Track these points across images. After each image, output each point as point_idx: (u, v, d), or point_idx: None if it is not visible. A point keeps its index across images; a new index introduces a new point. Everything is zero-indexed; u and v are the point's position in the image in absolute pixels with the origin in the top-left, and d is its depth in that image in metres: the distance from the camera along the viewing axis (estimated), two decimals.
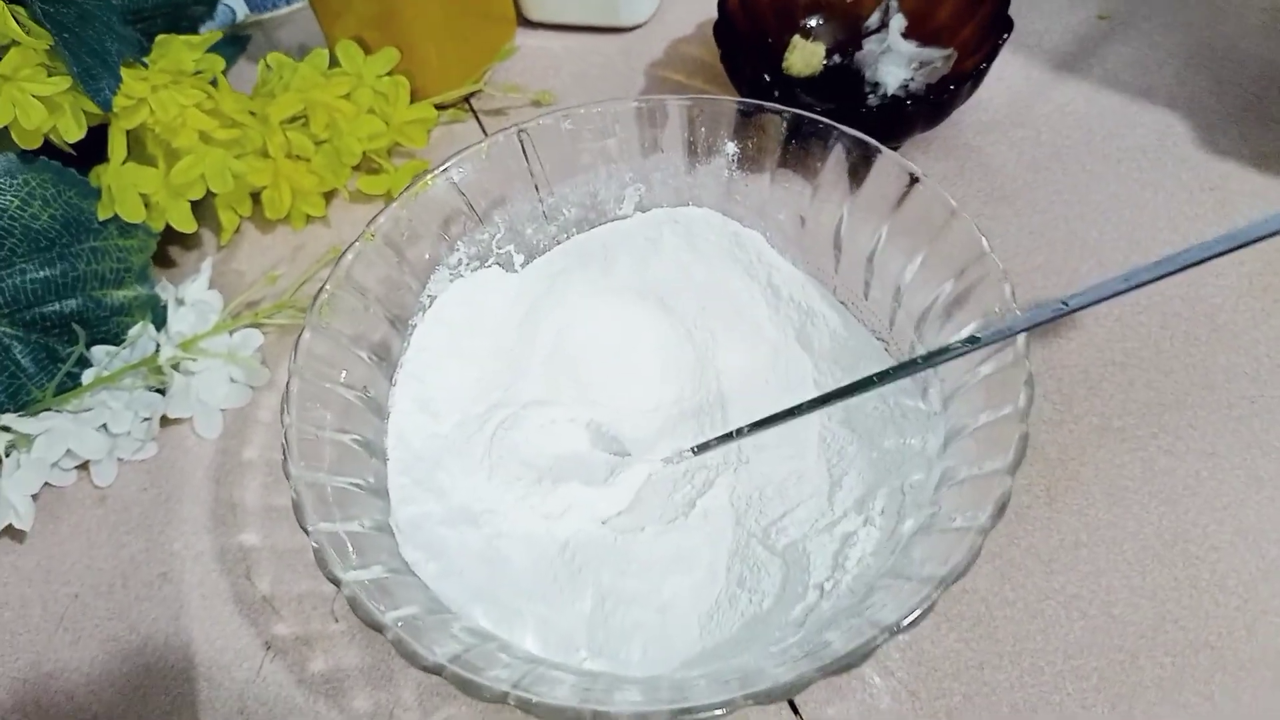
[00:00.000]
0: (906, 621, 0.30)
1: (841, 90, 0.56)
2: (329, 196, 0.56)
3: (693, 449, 0.41)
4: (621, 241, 0.46)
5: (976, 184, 0.52)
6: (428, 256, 0.43)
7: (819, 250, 0.44)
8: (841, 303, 0.44)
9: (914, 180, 0.40)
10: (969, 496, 0.34)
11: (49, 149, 0.46)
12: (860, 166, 0.41)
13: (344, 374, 0.39)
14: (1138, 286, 0.32)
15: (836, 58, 0.57)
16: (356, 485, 0.37)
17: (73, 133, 0.45)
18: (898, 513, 0.37)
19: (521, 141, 0.43)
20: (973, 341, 0.35)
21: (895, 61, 0.55)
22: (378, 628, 0.32)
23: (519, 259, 0.46)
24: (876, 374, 0.37)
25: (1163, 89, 0.54)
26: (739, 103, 0.42)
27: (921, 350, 0.40)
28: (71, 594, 0.45)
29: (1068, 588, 0.40)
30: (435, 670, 0.31)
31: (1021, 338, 0.35)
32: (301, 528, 0.34)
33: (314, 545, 0.33)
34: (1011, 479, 0.32)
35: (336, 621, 0.43)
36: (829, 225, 0.43)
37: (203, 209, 0.52)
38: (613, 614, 0.37)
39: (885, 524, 0.36)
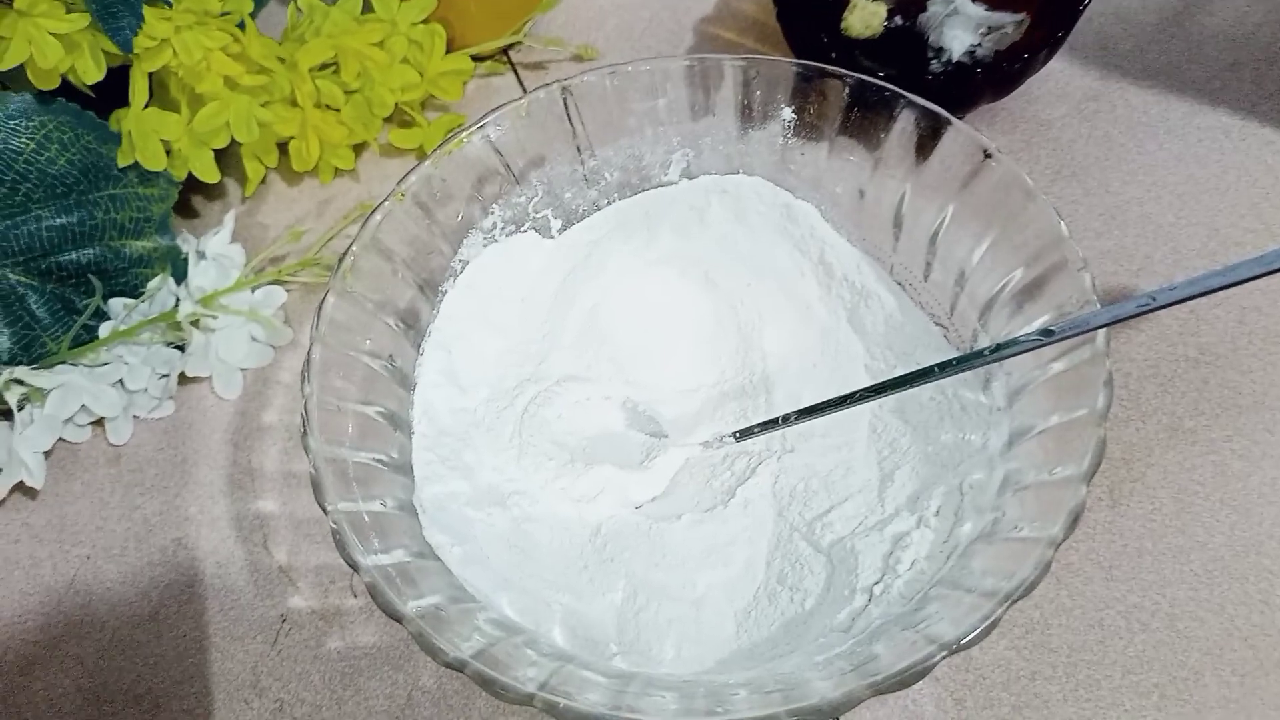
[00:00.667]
0: (966, 639, 0.28)
1: (901, 55, 0.52)
2: (358, 149, 0.54)
3: (735, 434, 0.39)
4: (665, 209, 0.43)
5: (1044, 160, 0.49)
6: (460, 219, 0.40)
7: (877, 227, 0.41)
8: (899, 284, 0.41)
9: (987, 156, 0.37)
10: (1037, 504, 0.31)
11: (67, 90, 0.44)
12: (928, 139, 0.39)
13: (369, 342, 0.37)
14: (1240, 283, 0.29)
15: (898, 19, 0.54)
16: (379, 461, 0.35)
17: (91, 74, 0.43)
18: (955, 514, 0.34)
19: (564, 99, 0.40)
20: (1048, 334, 0.32)
21: (962, 25, 0.51)
22: (398, 618, 0.30)
23: (556, 224, 0.43)
24: (939, 364, 0.34)
25: (1249, 65, 0.51)
26: (799, 65, 0.40)
27: (986, 340, 0.37)
28: (83, 555, 0.43)
29: (1129, 597, 0.38)
30: (458, 667, 0.29)
31: (1101, 334, 0.32)
32: (320, 506, 0.32)
33: (333, 526, 0.31)
34: (1086, 488, 0.30)
35: (355, 597, 0.41)
36: (890, 201, 0.40)
37: (227, 158, 0.50)
38: (645, 608, 0.35)
39: (941, 526, 0.34)
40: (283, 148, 0.52)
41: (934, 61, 0.51)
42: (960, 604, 0.29)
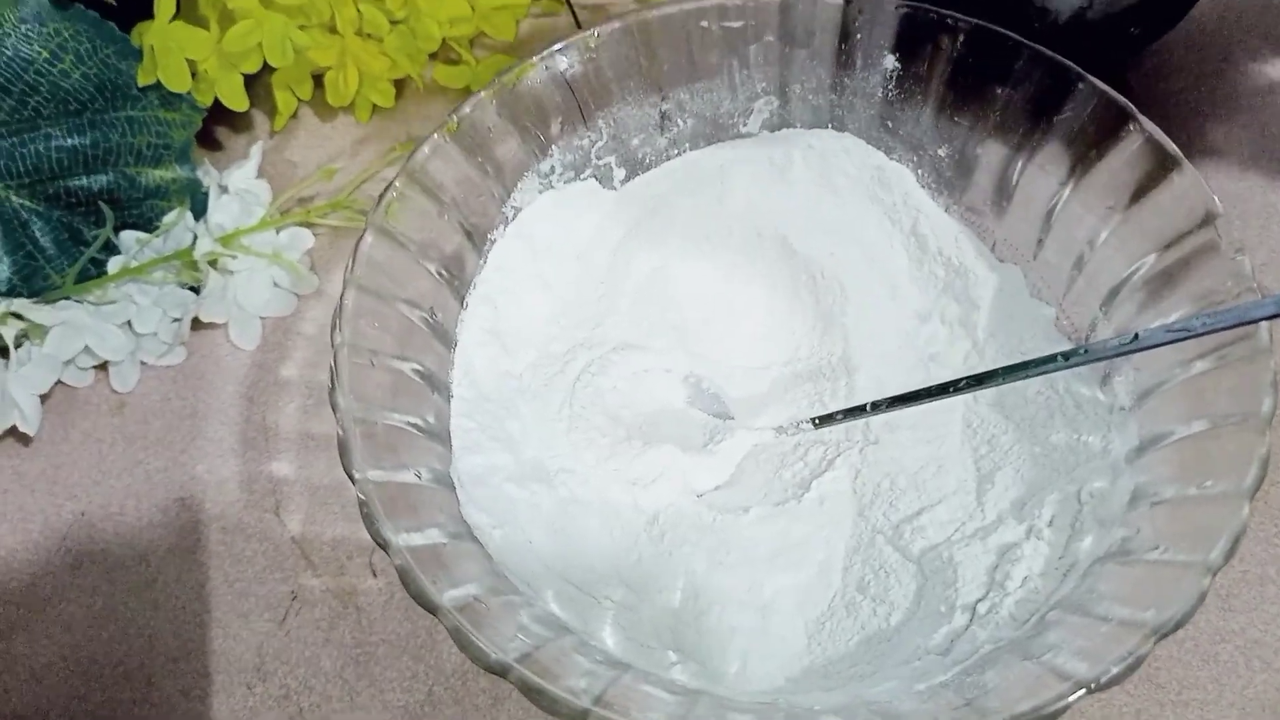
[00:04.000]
0: (1107, 678, 0.23)
1: (1000, 14, 0.48)
2: (400, 86, 0.49)
3: (813, 420, 0.35)
4: (742, 164, 0.39)
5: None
6: (516, 160, 0.36)
7: (981, 197, 0.37)
8: (1002, 261, 0.37)
9: (1126, 119, 0.32)
10: (1180, 522, 0.27)
11: None
12: (1052, 98, 0.34)
13: (408, 289, 0.33)
14: None
15: None
16: (414, 425, 0.31)
17: None
18: (1071, 526, 0.30)
19: (639, 33, 0.36)
20: (1199, 324, 0.28)
21: None
22: (432, 609, 0.26)
23: (619, 173, 0.39)
24: (1063, 353, 0.29)
25: None
26: (910, 6, 0.35)
27: (1109, 329, 0.33)
28: (77, 510, 0.39)
29: (1249, 630, 0.34)
30: (500, 671, 0.25)
31: (1264, 328, 0.28)
32: (347, 474, 0.28)
33: (360, 497, 0.27)
34: (1249, 506, 0.25)
35: (375, 576, 0.37)
36: (1000, 168, 0.36)
37: (256, 86, 0.46)
38: (706, 612, 0.31)
39: (1056, 539, 0.30)
40: (318, 79, 0.47)
41: (1037, 24, 0.46)
42: (1093, 634, 0.25)
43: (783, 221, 0.39)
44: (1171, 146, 0.31)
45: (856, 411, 0.34)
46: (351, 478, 0.28)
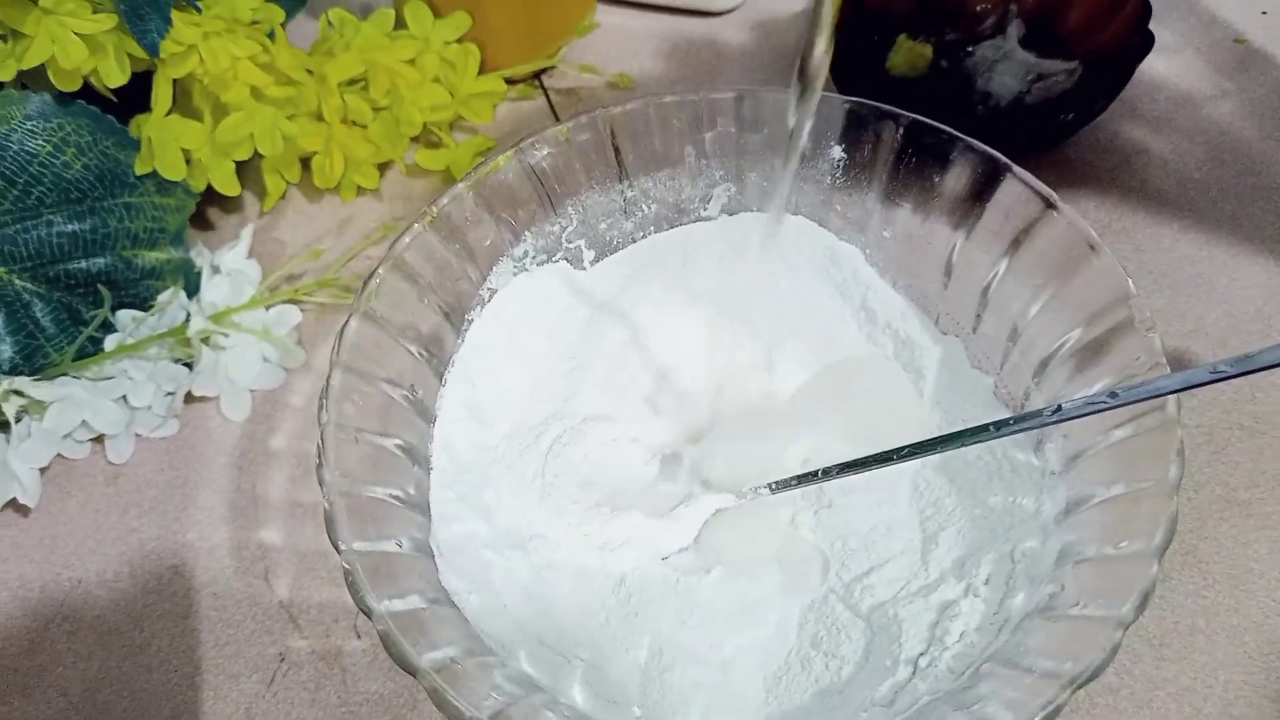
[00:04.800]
0: None
1: (946, 99, 0.51)
2: (383, 169, 0.52)
3: (770, 486, 0.37)
4: (703, 245, 0.42)
5: (1091, 214, 0.48)
6: (491, 245, 0.39)
7: (925, 275, 0.39)
8: (944, 334, 0.39)
9: (1049, 206, 0.35)
10: (1100, 579, 0.29)
11: (88, 93, 0.43)
12: (985, 185, 0.37)
13: (390, 369, 0.35)
14: None
15: (944, 62, 0.52)
16: (396, 497, 0.33)
17: (115, 77, 0.41)
18: (1006, 584, 0.32)
19: (608, 126, 0.39)
20: (1115, 397, 0.30)
21: (1011, 71, 0.50)
22: (412, 671, 0.28)
23: (589, 255, 0.41)
24: (995, 422, 0.32)
25: None
26: (852, 102, 0.38)
27: (1041, 399, 0.35)
28: (74, 579, 0.41)
29: (1180, 679, 0.36)
30: None
31: (1172, 401, 0.30)
32: (333, 545, 0.30)
33: (345, 567, 0.29)
34: (1158, 565, 0.28)
35: (359, 638, 0.39)
36: (940, 248, 0.38)
37: (245, 172, 0.48)
38: (670, 668, 0.33)
39: (991, 596, 0.32)
40: (305, 163, 0.50)
41: (980, 107, 0.50)
42: (1019, 685, 0.27)
43: (741, 298, 0.41)
44: (1090, 232, 0.34)
45: (809, 477, 0.36)
46: (338, 549, 0.30)
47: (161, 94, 0.43)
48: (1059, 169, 0.49)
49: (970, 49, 0.52)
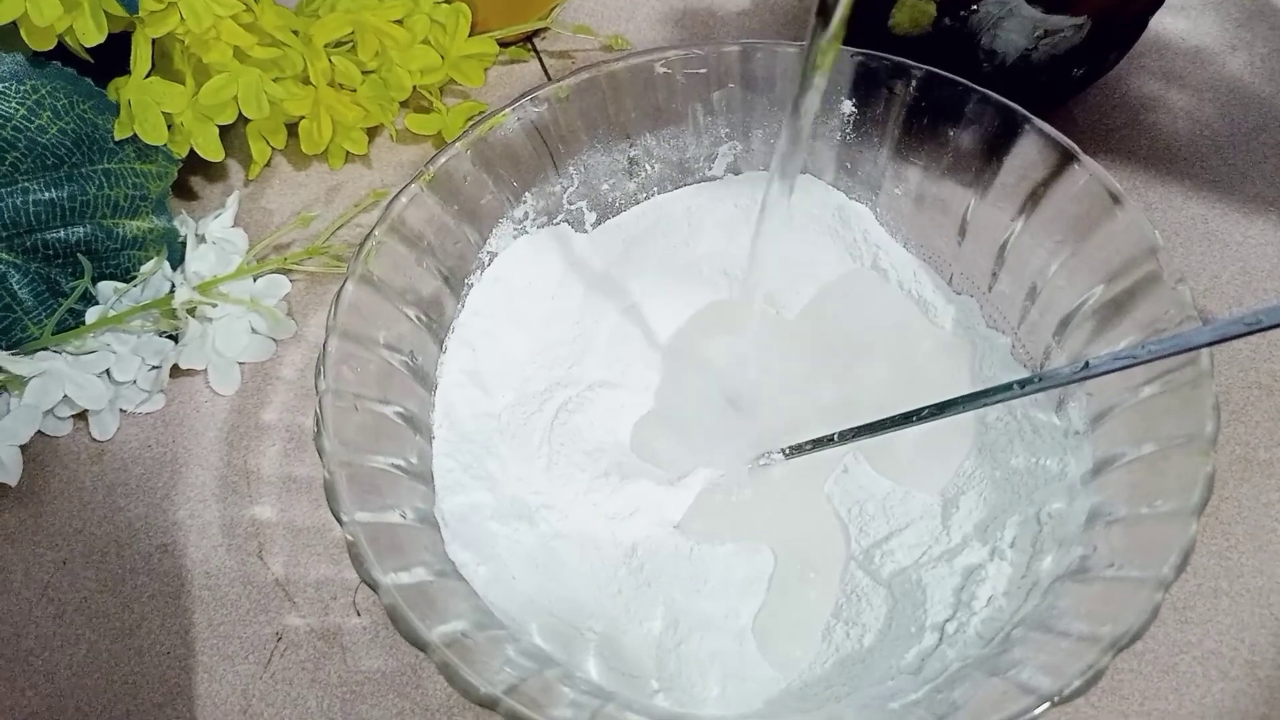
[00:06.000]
0: (1069, 690, 0.25)
1: (950, 57, 0.49)
2: (372, 133, 0.50)
3: (784, 450, 0.36)
4: (708, 206, 0.40)
5: None
6: (491, 206, 0.37)
7: (938, 233, 0.38)
8: (959, 294, 0.38)
9: (1070, 159, 0.34)
10: (1134, 539, 0.28)
11: (63, 54, 0.41)
12: (1002, 138, 0.36)
13: (388, 334, 0.34)
14: None
15: (947, 20, 0.51)
16: (397, 466, 0.32)
17: (91, 36, 0.39)
18: (1033, 546, 0.31)
19: (608, 83, 0.37)
20: (1146, 351, 0.29)
21: (1017, 28, 0.48)
22: (421, 646, 0.26)
23: (591, 217, 0.40)
24: (1019, 381, 0.31)
25: None
26: (864, 54, 0.37)
27: (1062, 357, 0.34)
28: (59, 560, 0.39)
29: (1205, 642, 0.35)
30: (489, 704, 0.25)
31: (1206, 354, 0.29)
32: (335, 516, 0.29)
33: (349, 538, 0.28)
34: (1196, 523, 0.27)
35: (358, 615, 0.37)
36: (955, 206, 0.37)
37: (231, 137, 0.47)
38: (686, 639, 0.32)
39: (1018, 559, 0.31)
40: (292, 128, 0.48)
41: (985, 65, 0.48)
42: (1054, 649, 0.26)
43: (749, 260, 0.40)
44: (1113, 184, 0.33)
45: (824, 441, 0.35)
46: (339, 519, 0.28)
47: (141, 55, 0.41)
48: (1067, 127, 0.47)
49: (975, 5, 0.50)
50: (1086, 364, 0.30)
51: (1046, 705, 0.24)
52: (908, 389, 0.35)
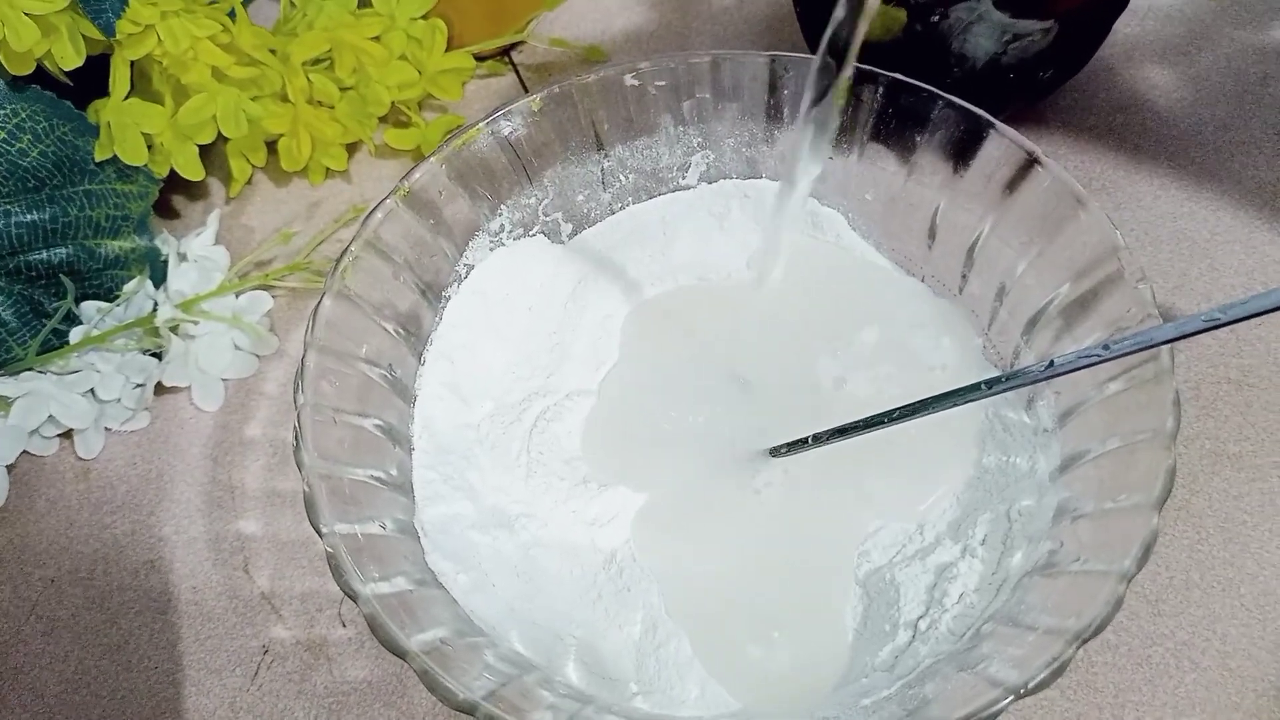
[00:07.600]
0: (1033, 683, 0.25)
1: (921, 62, 0.50)
2: (351, 150, 0.51)
3: (769, 450, 0.36)
4: (683, 215, 0.41)
5: (1071, 172, 0.46)
6: (466, 220, 0.38)
7: (909, 237, 0.39)
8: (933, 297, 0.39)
9: (1033, 162, 0.34)
10: (1099, 534, 0.29)
11: (42, 77, 0.41)
12: (967, 143, 0.36)
13: (366, 348, 0.34)
14: None
15: (918, 26, 0.52)
16: (377, 478, 0.32)
17: (70, 59, 0.40)
18: (1003, 544, 0.32)
19: (579, 96, 0.38)
20: (1107, 350, 0.30)
21: (986, 33, 0.49)
22: (401, 654, 0.27)
23: (567, 228, 0.41)
24: (986, 381, 0.31)
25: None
26: (829, 61, 0.37)
27: (1031, 357, 0.35)
28: (46, 578, 0.40)
29: (1177, 633, 0.36)
30: (468, 710, 0.26)
31: (1166, 351, 0.30)
32: (314, 528, 0.29)
33: (328, 550, 0.28)
34: (1158, 516, 0.27)
35: (344, 626, 0.38)
36: (923, 209, 0.38)
37: (211, 155, 0.47)
38: (664, 643, 0.32)
39: (989, 556, 0.32)
40: (271, 146, 0.49)
41: (956, 70, 0.49)
42: (1022, 643, 0.27)
43: (722, 268, 0.41)
44: (1076, 186, 0.33)
45: (799, 444, 0.35)
46: (319, 531, 0.29)
47: (120, 77, 0.42)
48: (1037, 129, 0.49)
49: (945, 11, 0.51)
50: (1051, 363, 0.30)
51: (1012, 697, 0.25)
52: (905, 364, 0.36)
